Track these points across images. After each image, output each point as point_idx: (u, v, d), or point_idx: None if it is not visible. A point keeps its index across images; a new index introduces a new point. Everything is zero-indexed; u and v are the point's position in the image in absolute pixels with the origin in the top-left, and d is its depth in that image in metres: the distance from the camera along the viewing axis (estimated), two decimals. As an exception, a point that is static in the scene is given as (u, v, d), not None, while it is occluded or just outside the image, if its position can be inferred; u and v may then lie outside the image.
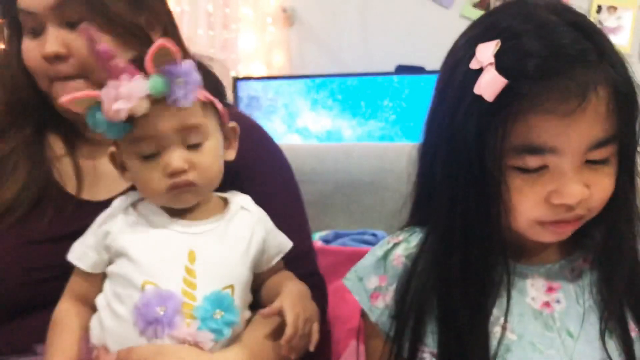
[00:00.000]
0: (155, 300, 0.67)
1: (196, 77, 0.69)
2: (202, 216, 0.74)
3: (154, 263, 0.69)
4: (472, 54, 0.62)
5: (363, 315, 0.78)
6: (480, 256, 0.65)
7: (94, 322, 0.72)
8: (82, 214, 0.78)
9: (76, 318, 0.73)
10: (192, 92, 0.68)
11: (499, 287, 0.67)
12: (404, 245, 0.72)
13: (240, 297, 0.72)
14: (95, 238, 0.73)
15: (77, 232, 0.74)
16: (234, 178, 0.85)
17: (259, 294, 0.80)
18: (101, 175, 0.85)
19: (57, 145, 0.87)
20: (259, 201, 0.80)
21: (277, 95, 2.15)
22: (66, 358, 0.70)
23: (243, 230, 0.75)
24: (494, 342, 0.66)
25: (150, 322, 0.66)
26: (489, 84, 0.60)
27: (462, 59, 0.64)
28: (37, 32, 0.81)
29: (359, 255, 1.08)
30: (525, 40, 0.60)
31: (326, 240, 1.18)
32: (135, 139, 0.69)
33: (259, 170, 0.90)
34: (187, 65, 0.68)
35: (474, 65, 0.62)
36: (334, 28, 2.30)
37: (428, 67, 2.02)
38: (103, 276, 0.73)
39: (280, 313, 0.71)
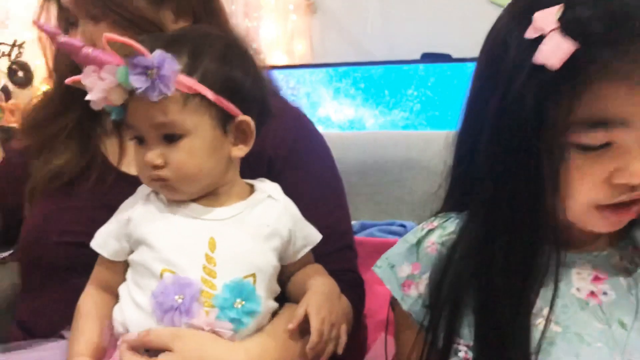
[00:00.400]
0: (173, 288, 0.65)
1: (170, 68, 0.64)
2: (225, 202, 0.72)
3: (173, 251, 0.68)
4: (525, 25, 0.59)
5: (393, 305, 0.75)
6: (525, 243, 0.62)
7: (116, 312, 0.70)
8: (121, 184, 0.80)
9: (100, 306, 0.72)
10: (161, 86, 0.64)
11: (543, 276, 0.64)
12: (439, 232, 0.69)
13: (263, 287, 0.70)
14: (116, 225, 0.72)
15: (113, 203, 0.74)
16: (274, 166, 0.84)
17: (286, 286, 0.78)
18: None
19: (108, 124, 0.91)
20: (296, 193, 0.78)
21: (299, 84, 2.13)
22: (89, 346, 0.69)
23: (267, 218, 0.72)
24: (536, 335, 0.63)
25: (167, 310, 0.65)
26: (554, 51, 0.57)
27: (512, 32, 0.61)
28: (74, 24, 0.84)
29: (387, 247, 1.04)
30: (592, 3, 0.57)
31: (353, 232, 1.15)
32: (128, 125, 0.69)
33: (300, 162, 0.88)
34: (158, 56, 0.64)
35: (530, 34, 0.58)
36: (357, 16, 2.26)
37: (455, 55, 1.97)
38: (126, 265, 0.72)
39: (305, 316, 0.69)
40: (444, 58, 1.97)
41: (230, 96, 0.69)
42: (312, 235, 0.77)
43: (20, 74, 2.32)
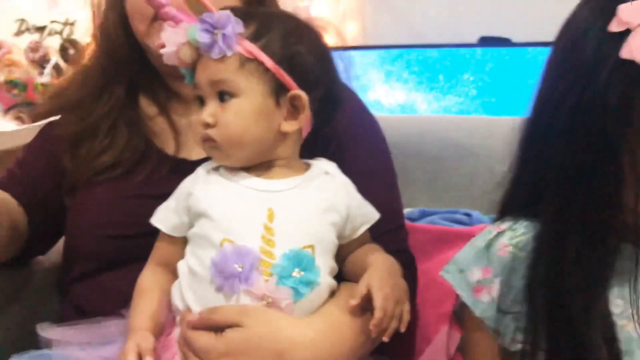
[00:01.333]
0: (233, 256, 0.66)
1: (232, 29, 0.67)
2: (281, 176, 0.73)
3: (232, 221, 0.69)
4: (607, 17, 0.56)
5: (458, 311, 0.73)
6: (601, 242, 0.60)
7: (174, 287, 0.71)
8: (178, 173, 0.77)
9: (160, 283, 0.73)
10: (223, 44, 0.67)
11: (622, 276, 0.62)
12: (510, 234, 0.67)
13: (321, 259, 0.70)
14: (176, 201, 0.72)
15: (170, 192, 0.74)
16: (327, 146, 0.82)
17: (342, 267, 0.77)
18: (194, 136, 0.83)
19: (148, 107, 0.88)
20: (351, 171, 0.78)
21: (350, 67, 2.08)
22: (148, 321, 0.69)
23: (324, 192, 0.72)
24: (620, 336, 0.61)
25: (227, 277, 0.65)
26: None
27: (592, 24, 0.58)
28: None
29: (451, 235, 1.01)
30: None
31: (411, 219, 1.10)
32: (193, 86, 0.72)
33: (354, 140, 0.88)
34: (223, 15, 0.67)
35: (614, 27, 0.56)
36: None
37: (515, 39, 1.89)
38: (185, 241, 0.72)
39: (367, 293, 0.67)
40: (503, 42, 1.90)
41: (289, 69, 0.70)
42: (371, 213, 0.77)
43: (72, 51, 2.35)
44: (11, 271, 0.90)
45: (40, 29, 2.39)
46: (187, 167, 0.77)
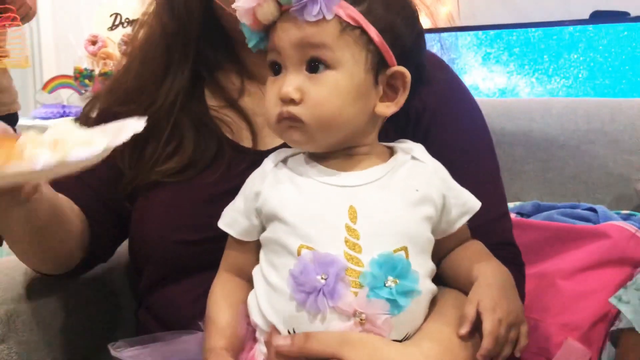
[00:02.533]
0: (314, 266, 0.57)
1: None
2: (363, 166, 0.63)
3: (309, 223, 0.60)
4: None
5: (613, 338, 0.59)
6: None
7: (251, 299, 0.63)
8: (258, 166, 0.68)
9: (232, 293, 0.65)
10: (323, 4, 0.57)
11: None
12: None
13: (418, 262, 0.59)
14: (244, 201, 0.64)
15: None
16: (421, 120, 0.74)
17: (441, 267, 0.67)
18: None
19: (212, 97, 0.79)
20: (446, 151, 0.70)
21: (444, 50, 1.96)
22: (224, 338, 0.62)
23: (414, 181, 0.62)
24: None
25: (310, 292, 0.57)
26: None
27: None
28: None
29: (573, 234, 0.89)
30: None
31: (522, 214, 0.99)
32: (268, 49, 0.62)
33: (449, 115, 0.77)
34: None
35: None
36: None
37: (634, 13, 1.70)
38: (258, 245, 0.64)
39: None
40: (620, 16, 1.71)
41: (391, 42, 0.61)
42: (470, 202, 0.66)
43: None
44: (85, 279, 0.86)
45: (133, 22, 2.44)
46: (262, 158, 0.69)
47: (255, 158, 0.70)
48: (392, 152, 0.65)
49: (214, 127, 0.76)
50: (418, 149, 0.65)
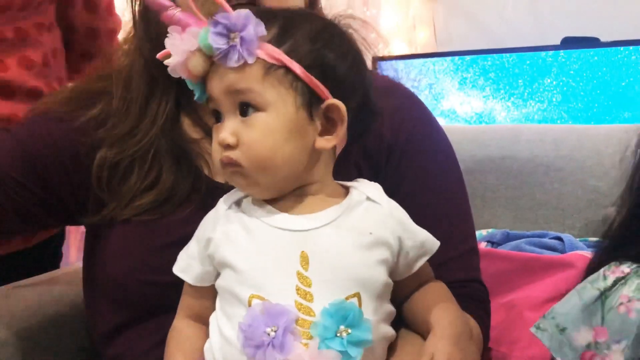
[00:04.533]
0: (263, 318, 0.55)
1: (253, 31, 0.57)
2: (315, 207, 0.61)
3: (260, 272, 0.59)
4: None
5: None
6: None
7: (206, 347, 0.61)
8: None
9: (188, 340, 0.63)
10: (242, 49, 0.57)
11: None
12: (636, 282, 0.52)
13: (372, 309, 0.58)
14: (197, 247, 0.63)
15: None
16: (393, 154, 0.74)
17: (402, 308, 0.65)
18: None
19: (191, 128, 0.77)
20: (417, 189, 0.71)
21: (421, 74, 1.99)
22: None
23: (368, 224, 0.60)
24: None
25: (259, 345, 0.55)
26: None
27: None
28: None
29: (540, 264, 0.89)
30: None
31: (492, 242, 0.99)
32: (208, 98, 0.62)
33: (420, 153, 0.76)
34: (241, 16, 0.57)
35: None
36: (486, -1, 2.08)
37: (603, 39, 1.73)
38: (215, 291, 0.63)
39: None
40: (590, 42, 1.75)
41: (320, 76, 0.60)
42: (428, 242, 0.64)
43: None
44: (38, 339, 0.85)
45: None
46: None
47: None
48: (347, 191, 0.64)
49: (191, 160, 0.75)
50: (374, 189, 0.64)
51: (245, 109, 0.59)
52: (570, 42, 1.79)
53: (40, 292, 0.87)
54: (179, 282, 0.66)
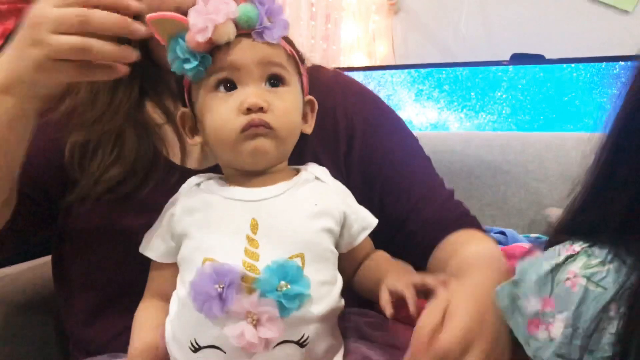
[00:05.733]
0: (212, 276, 0.60)
1: (285, 20, 0.65)
2: (268, 183, 0.66)
3: (212, 237, 0.63)
4: None
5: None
6: None
7: (167, 318, 0.65)
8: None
9: (155, 315, 0.67)
10: (280, 30, 0.64)
11: None
12: (583, 260, 0.55)
13: (315, 269, 0.63)
14: (160, 224, 0.68)
15: None
16: (354, 139, 0.80)
17: (353, 282, 0.72)
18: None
19: (154, 114, 0.81)
20: (391, 152, 0.79)
21: (380, 86, 2.06)
22: (144, 350, 0.65)
23: (314, 197, 0.66)
24: None
25: (206, 299, 0.59)
26: None
27: None
28: None
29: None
30: None
31: (442, 237, 1.07)
32: (213, 70, 0.64)
33: (379, 126, 0.83)
34: (278, 5, 0.65)
35: None
36: (442, 16, 2.18)
37: (548, 56, 1.85)
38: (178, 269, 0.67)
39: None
40: (537, 59, 1.86)
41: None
42: (369, 218, 0.70)
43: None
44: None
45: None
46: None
47: (185, 174, 0.73)
48: (297, 172, 0.69)
49: (152, 140, 0.78)
50: (321, 171, 0.70)
51: (275, 81, 0.65)
52: (518, 59, 1.89)
53: (6, 283, 0.89)
54: (146, 262, 0.70)
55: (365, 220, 0.70)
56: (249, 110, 0.62)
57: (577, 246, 0.56)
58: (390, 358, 0.67)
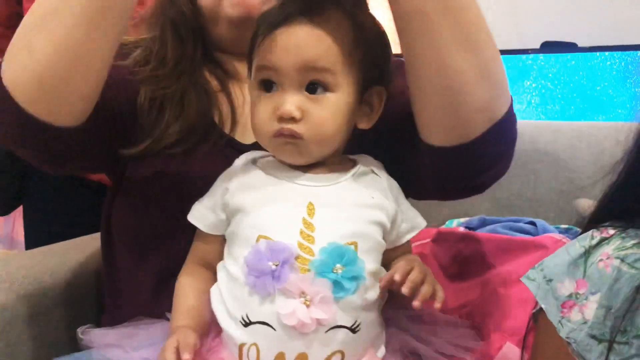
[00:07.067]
0: (267, 254, 0.61)
1: None
2: (327, 171, 0.67)
3: (269, 216, 0.64)
4: None
5: (535, 318, 0.65)
6: None
7: (213, 289, 0.66)
8: (229, 154, 0.72)
9: (199, 281, 0.68)
10: None
11: None
12: (617, 243, 0.56)
13: (366, 258, 0.63)
14: (213, 197, 0.68)
15: (219, 173, 0.70)
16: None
17: None
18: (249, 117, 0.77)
19: (212, 81, 0.82)
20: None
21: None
22: (189, 322, 0.66)
23: (371, 190, 0.66)
24: None
25: (259, 276, 0.60)
26: None
27: None
28: None
29: (514, 245, 0.94)
30: None
31: (470, 227, 1.04)
32: (259, 67, 0.64)
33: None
34: None
35: None
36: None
37: (581, 44, 1.80)
38: (224, 240, 0.68)
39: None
40: (568, 47, 1.81)
41: (373, 64, 0.66)
42: (417, 219, 0.71)
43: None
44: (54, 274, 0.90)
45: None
46: (238, 149, 0.73)
47: (229, 145, 0.75)
48: (354, 163, 0.70)
49: (209, 109, 0.78)
50: (377, 165, 0.70)
51: (314, 87, 0.62)
52: (549, 47, 1.85)
53: (38, 261, 0.90)
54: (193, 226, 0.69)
55: (414, 221, 0.70)
56: (281, 118, 0.62)
57: (612, 229, 0.57)
58: (429, 347, 0.67)
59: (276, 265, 0.60)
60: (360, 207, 0.65)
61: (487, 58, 0.63)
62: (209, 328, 0.66)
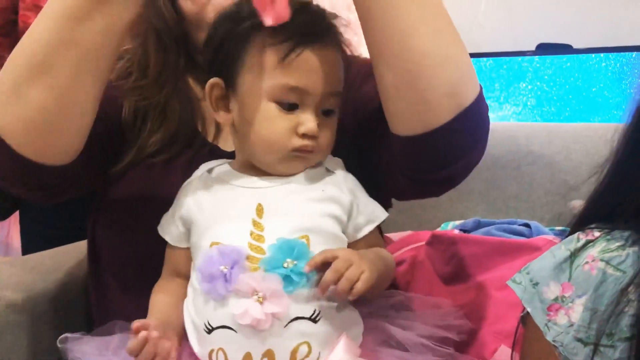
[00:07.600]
0: (218, 258, 0.62)
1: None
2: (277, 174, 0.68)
3: (219, 223, 0.65)
4: None
5: (524, 321, 0.64)
6: None
7: (184, 304, 0.68)
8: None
9: (172, 291, 0.70)
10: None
11: None
12: (602, 245, 0.56)
13: (320, 250, 0.62)
14: (173, 210, 0.70)
15: None
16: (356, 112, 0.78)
17: None
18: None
19: (196, 89, 0.82)
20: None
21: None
22: (157, 319, 0.66)
23: (321, 184, 0.67)
24: None
25: (211, 281, 0.61)
26: None
27: None
28: None
29: (509, 247, 0.94)
30: None
31: (465, 230, 1.04)
32: (290, 87, 0.63)
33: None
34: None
35: None
36: (465, 4, 2.13)
37: (576, 45, 1.80)
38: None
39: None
40: (563, 49, 1.82)
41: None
42: (376, 212, 0.70)
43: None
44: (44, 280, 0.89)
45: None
46: (221, 157, 0.73)
47: (213, 152, 0.76)
48: None
49: (192, 117, 0.79)
50: (333, 162, 0.70)
51: (329, 111, 0.67)
52: (544, 48, 1.85)
53: (45, 262, 0.91)
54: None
55: (372, 214, 0.69)
56: (305, 135, 0.64)
57: (597, 232, 0.57)
58: (411, 332, 0.66)
59: (227, 269, 0.61)
60: (310, 202, 0.65)
61: (449, 41, 0.62)
62: (181, 336, 0.67)
